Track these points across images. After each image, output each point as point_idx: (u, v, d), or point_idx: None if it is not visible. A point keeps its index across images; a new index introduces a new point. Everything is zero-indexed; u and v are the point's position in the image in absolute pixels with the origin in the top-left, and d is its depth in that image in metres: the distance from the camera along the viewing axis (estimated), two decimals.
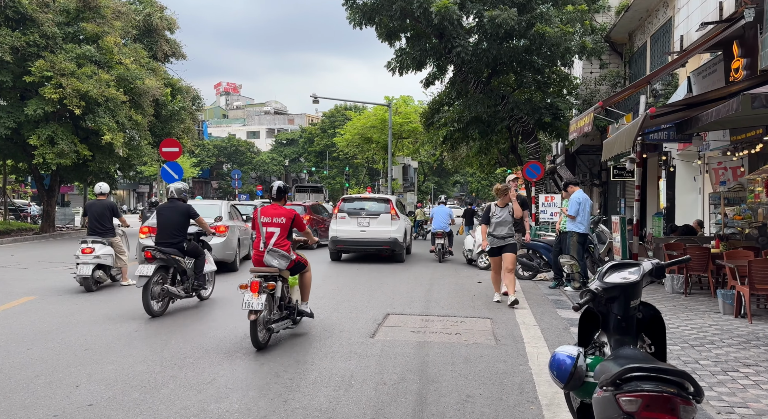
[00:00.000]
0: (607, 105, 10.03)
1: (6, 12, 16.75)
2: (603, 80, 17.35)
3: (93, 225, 8.62)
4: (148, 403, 3.89)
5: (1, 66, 16.65)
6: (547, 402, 4.03)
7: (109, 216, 8.73)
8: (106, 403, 3.88)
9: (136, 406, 3.83)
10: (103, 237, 8.57)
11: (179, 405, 3.87)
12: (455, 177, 60.73)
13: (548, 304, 7.97)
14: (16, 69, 17.02)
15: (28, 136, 17.40)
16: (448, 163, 35.65)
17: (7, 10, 16.72)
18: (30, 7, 16.89)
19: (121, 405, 3.86)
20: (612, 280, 2.90)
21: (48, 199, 20.92)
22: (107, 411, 3.75)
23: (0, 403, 3.84)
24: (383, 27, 15.55)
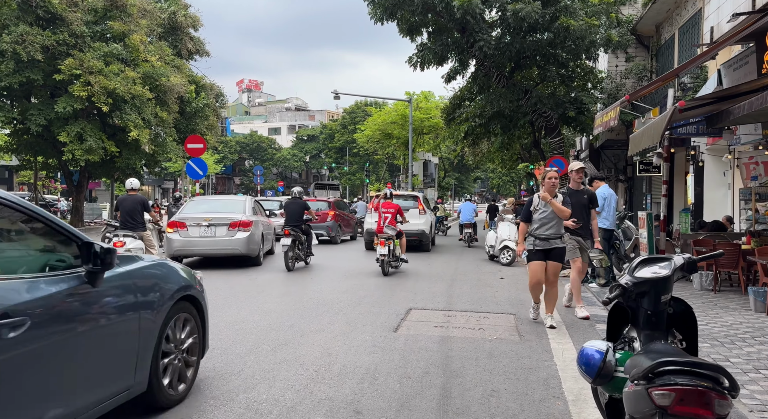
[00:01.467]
0: (633, 99, 9.86)
1: (37, 12, 17.16)
2: (629, 74, 17.04)
3: (124, 220, 8.92)
4: None
5: (33, 64, 17.06)
6: (574, 398, 4.00)
7: (140, 211, 9.06)
8: None
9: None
10: (134, 231, 8.86)
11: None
12: (476, 173, 60.34)
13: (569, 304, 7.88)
14: (47, 67, 17.43)
15: (58, 132, 17.82)
16: (469, 159, 35.46)
17: (38, 10, 17.12)
18: (60, 7, 17.27)
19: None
20: (642, 275, 2.86)
21: (77, 194, 21.43)
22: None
23: None
24: (405, 22, 15.51)
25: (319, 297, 7.76)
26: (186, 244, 10.64)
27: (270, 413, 3.63)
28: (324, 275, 10.15)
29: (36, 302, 2.55)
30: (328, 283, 9.18)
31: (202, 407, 3.72)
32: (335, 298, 7.69)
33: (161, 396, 3.55)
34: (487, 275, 10.46)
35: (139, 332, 3.29)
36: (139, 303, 3.30)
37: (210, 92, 23.95)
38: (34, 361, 2.51)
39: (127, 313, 3.19)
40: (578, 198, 6.80)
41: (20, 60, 16.57)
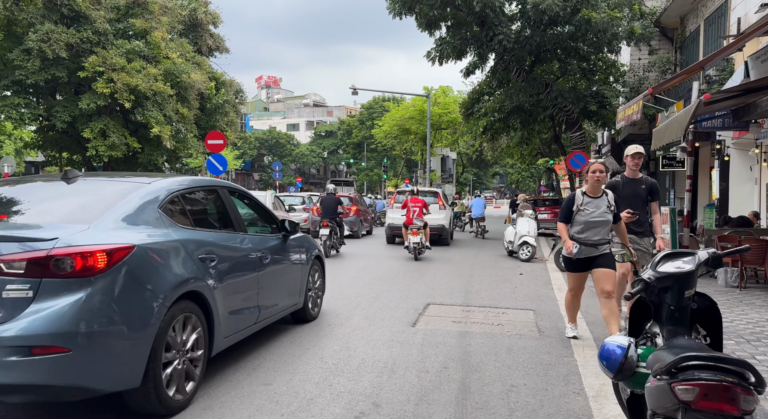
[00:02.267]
0: (657, 92, 9.68)
1: (62, 10, 17.48)
2: (652, 67, 16.71)
3: None
4: None
5: (58, 62, 17.39)
6: (594, 394, 3.96)
7: None
8: None
9: None
10: None
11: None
12: (494, 168, 59.95)
13: (593, 297, 7.77)
14: (71, 65, 17.76)
15: (82, 129, 18.17)
16: (487, 154, 35.23)
17: (63, 8, 17.44)
18: (83, 5, 17.57)
19: None
20: (665, 270, 2.81)
21: None
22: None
23: None
24: (423, 16, 15.43)
25: (338, 293, 7.80)
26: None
27: (290, 405, 3.67)
28: (345, 269, 10.20)
29: (270, 246, 4.94)
30: (348, 278, 9.22)
31: (222, 399, 3.78)
32: (353, 294, 7.73)
33: (308, 315, 5.89)
34: (506, 271, 10.40)
35: (302, 272, 5.63)
36: (302, 254, 5.68)
37: (230, 88, 24.17)
38: (272, 276, 4.87)
39: (298, 258, 5.58)
40: (634, 188, 5.58)
41: (46, 58, 16.91)
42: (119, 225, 3.33)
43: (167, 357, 3.39)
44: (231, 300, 4.10)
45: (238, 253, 4.38)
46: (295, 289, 5.47)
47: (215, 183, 4.67)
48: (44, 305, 2.84)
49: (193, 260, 3.68)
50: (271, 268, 4.82)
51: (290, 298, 5.38)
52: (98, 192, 3.80)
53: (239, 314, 4.28)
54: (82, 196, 3.71)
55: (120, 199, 3.54)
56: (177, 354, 3.49)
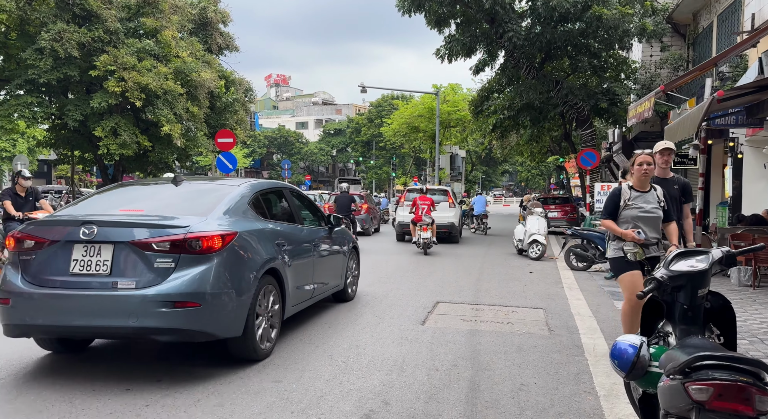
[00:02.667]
0: (669, 89, 9.58)
1: (73, 9, 17.63)
2: (664, 63, 16.55)
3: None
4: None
5: (70, 61, 17.54)
6: (605, 393, 3.93)
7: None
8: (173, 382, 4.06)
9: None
10: None
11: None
12: (504, 166, 59.70)
13: (604, 295, 7.75)
14: (83, 64, 17.91)
15: (94, 127, 18.32)
16: (496, 152, 35.07)
17: (75, 8, 17.59)
18: (95, 4, 17.70)
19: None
20: (678, 268, 2.79)
21: None
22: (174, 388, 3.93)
23: None
24: (432, 13, 15.39)
25: None
26: None
27: (300, 402, 3.68)
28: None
29: (320, 236, 6.01)
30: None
31: (232, 396, 3.80)
32: (362, 291, 7.73)
33: (347, 296, 6.91)
34: (516, 269, 10.36)
35: (343, 258, 6.65)
36: (343, 244, 6.68)
37: (239, 87, 24.25)
38: (323, 260, 5.95)
39: (340, 247, 6.56)
40: (667, 189, 4.95)
41: (58, 57, 17.06)
42: (224, 217, 4.38)
43: (258, 317, 4.44)
44: (296, 278, 5.19)
45: (300, 241, 5.47)
46: (339, 273, 6.55)
47: (282, 185, 5.98)
48: (182, 273, 3.94)
49: (272, 244, 4.78)
50: (322, 254, 5.98)
51: (335, 280, 6.44)
52: (203, 192, 5.00)
53: (301, 289, 5.39)
54: (192, 196, 4.86)
55: (221, 197, 4.64)
56: (263, 316, 4.55)
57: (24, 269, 4.05)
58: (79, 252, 3.97)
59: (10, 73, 18.49)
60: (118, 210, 4.38)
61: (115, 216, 4.21)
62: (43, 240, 4.05)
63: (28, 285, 3.97)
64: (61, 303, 3.91)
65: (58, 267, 4.00)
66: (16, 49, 18.10)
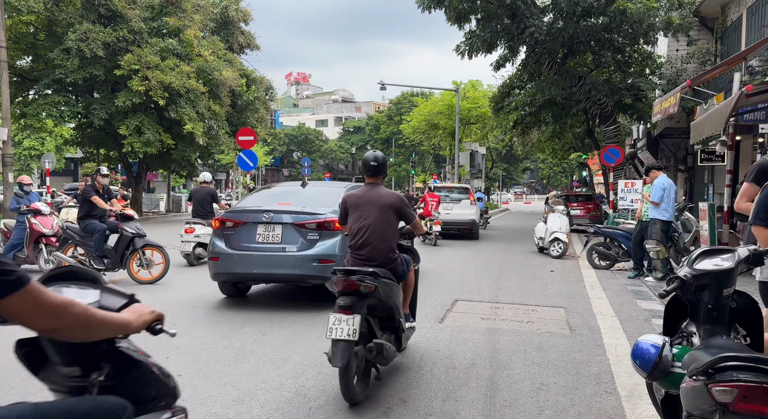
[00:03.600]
0: (695, 84, 9.37)
1: (99, 10, 17.97)
2: (690, 58, 16.16)
3: (196, 209, 9.85)
4: (230, 376, 4.11)
5: (95, 61, 17.91)
6: (627, 394, 3.86)
7: (210, 201, 9.94)
8: (194, 374, 4.14)
9: (221, 378, 4.06)
10: (204, 219, 9.60)
11: (260, 378, 4.06)
12: (525, 163, 59.07)
13: (627, 294, 7.62)
14: (108, 63, 18.27)
15: (118, 126, 18.68)
16: (517, 149, 34.72)
17: (100, 8, 17.93)
18: (120, 4, 18.03)
19: (207, 376, 4.10)
20: (703, 267, 2.72)
21: (136, 185, 22.44)
22: (194, 381, 4.00)
23: None
24: (453, 9, 15.27)
25: None
26: None
27: (317, 398, 3.70)
28: None
29: None
30: None
31: (253, 392, 3.83)
32: None
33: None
34: (536, 267, 10.24)
35: None
36: None
37: (260, 85, 24.47)
38: None
39: None
40: None
41: (84, 56, 17.43)
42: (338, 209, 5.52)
43: None
44: None
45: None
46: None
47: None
48: (323, 242, 6.17)
49: None
50: None
51: None
52: (324, 192, 7.03)
53: None
54: (317, 194, 6.91)
55: (337, 195, 6.24)
56: None
57: (226, 239, 6.39)
58: (261, 229, 6.28)
59: (39, 73, 18.96)
60: (276, 204, 6.55)
61: (280, 207, 6.43)
62: (239, 222, 6.42)
63: (229, 249, 6.31)
64: (251, 259, 6.23)
65: (248, 238, 6.32)
66: (44, 49, 18.55)
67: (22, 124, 19.64)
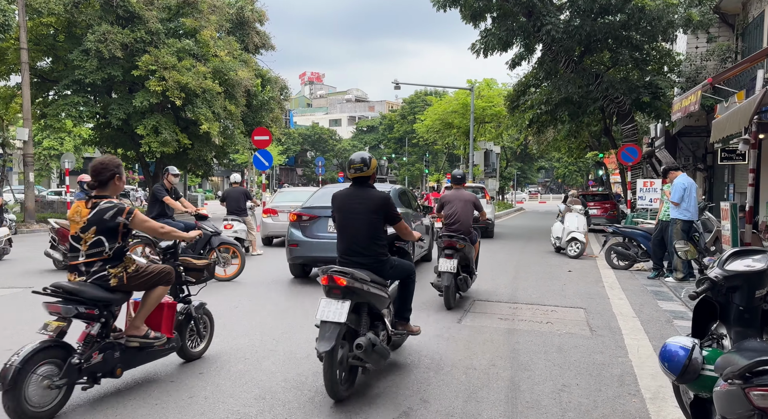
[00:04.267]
0: (717, 81, 9.21)
1: (117, 11, 18.18)
2: (711, 55, 15.89)
3: (232, 207, 10.61)
4: (251, 374, 4.12)
5: (113, 61, 18.11)
6: (651, 396, 3.80)
7: (244, 199, 10.81)
8: (215, 372, 4.16)
9: (241, 376, 4.07)
10: (239, 216, 10.46)
11: (281, 377, 4.07)
12: (540, 162, 58.60)
13: (647, 295, 7.51)
14: (126, 64, 18.47)
15: (136, 126, 18.88)
16: (533, 148, 34.45)
17: (118, 10, 18.13)
18: (137, 6, 18.21)
19: (228, 374, 4.12)
20: (734, 268, 2.67)
21: (153, 184, 22.66)
22: (216, 379, 4.01)
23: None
24: (468, 8, 15.19)
25: None
26: (278, 227, 12.33)
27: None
28: None
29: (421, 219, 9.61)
30: None
31: (273, 389, 3.84)
32: None
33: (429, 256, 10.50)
34: (554, 267, 10.15)
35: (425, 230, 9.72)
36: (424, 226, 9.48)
37: (275, 85, 24.57)
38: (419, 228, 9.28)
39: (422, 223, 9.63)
40: None
41: (102, 57, 17.63)
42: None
43: None
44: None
45: (420, 221, 9.22)
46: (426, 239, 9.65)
47: (405, 188, 9.88)
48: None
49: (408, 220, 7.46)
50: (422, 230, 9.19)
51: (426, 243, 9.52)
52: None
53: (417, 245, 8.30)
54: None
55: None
56: None
57: (302, 230, 7.92)
58: (331, 222, 7.06)
59: (59, 74, 19.22)
60: None
61: None
62: (313, 216, 7.91)
63: (305, 238, 7.85)
64: (324, 246, 7.59)
65: (320, 228, 7.86)
66: (63, 50, 18.80)
67: (42, 125, 19.94)
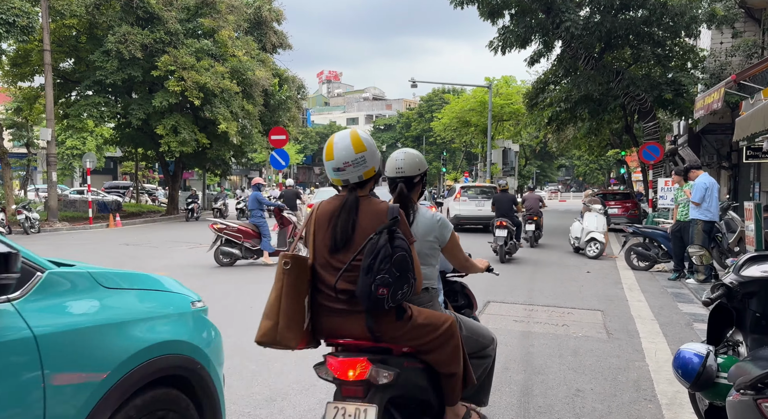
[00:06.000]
0: (741, 78, 8.96)
1: (137, 12, 18.44)
2: (736, 51, 15.50)
3: (290, 205, 12.27)
4: (263, 375, 4.14)
5: (133, 62, 18.39)
6: (668, 402, 3.72)
7: (294, 198, 12.95)
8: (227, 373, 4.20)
9: (253, 378, 4.10)
10: (293, 211, 12.12)
11: (291, 378, 4.09)
12: (560, 160, 57.94)
13: (667, 297, 7.37)
14: (145, 64, 18.73)
15: (155, 125, 19.15)
16: (552, 146, 34.05)
17: (138, 11, 18.39)
18: (157, 6, 18.45)
19: (240, 375, 4.15)
20: (750, 274, 2.59)
21: (172, 183, 22.98)
22: (227, 380, 4.05)
23: None
24: (485, 5, 15.06)
25: None
26: None
27: None
28: None
29: None
30: None
31: (284, 390, 3.85)
32: None
33: None
34: (572, 268, 10.02)
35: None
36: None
37: (292, 84, 24.70)
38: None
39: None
40: None
41: (123, 58, 17.92)
42: None
43: None
44: None
45: None
46: None
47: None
48: None
49: None
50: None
51: None
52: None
53: None
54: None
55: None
56: None
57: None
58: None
59: (80, 75, 19.60)
60: None
61: None
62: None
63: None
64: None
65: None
66: (85, 52, 19.15)
67: (65, 125, 20.36)
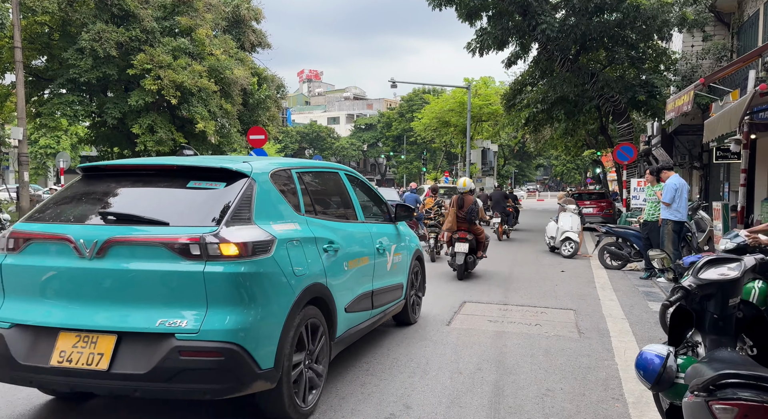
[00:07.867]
0: (710, 81, 9.21)
1: (112, 10, 18.12)
2: (706, 54, 15.88)
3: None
4: None
5: (108, 60, 18.06)
6: (634, 400, 3.82)
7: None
8: None
9: None
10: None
11: None
12: (538, 160, 58.61)
13: (638, 296, 7.53)
14: (121, 63, 18.41)
15: (131, 125, 18.84)
16: (530, 146, 34.45)
17: (113, 8, 18.07)
18: (132, 4, 18.15)
19: None
20: (708, 277, 2.67)
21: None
22: None
23: None
24: (464, 7, 15.18)
25: None
26: None
27: (322, 404, 3.71)
28: None
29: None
30: None
31: None
32: None
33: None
34: (547, 267, 10.17)
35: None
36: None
37: (271, 84, 24.52)
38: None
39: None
40: None
41: (97, 56, 17.58)
42: None
43: None
44: None
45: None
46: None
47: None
48: None
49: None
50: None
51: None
52: None
53: None
54: None
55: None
56: None
57: None
58: None
59: (53, 73, 19.17)
60: None
61: None
62: None
63: None
64: None
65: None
66: (58, 49, 18.75)
67: (38, 124, 19.90)
